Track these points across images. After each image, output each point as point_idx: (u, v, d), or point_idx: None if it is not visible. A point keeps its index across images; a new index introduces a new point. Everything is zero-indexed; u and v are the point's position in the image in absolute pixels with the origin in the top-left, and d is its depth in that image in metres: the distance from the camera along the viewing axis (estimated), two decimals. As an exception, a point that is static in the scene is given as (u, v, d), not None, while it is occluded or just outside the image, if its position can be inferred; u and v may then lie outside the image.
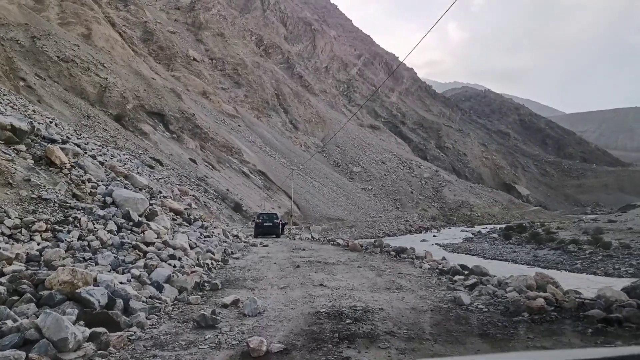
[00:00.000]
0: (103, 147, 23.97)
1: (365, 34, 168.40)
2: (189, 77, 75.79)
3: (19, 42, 40.38)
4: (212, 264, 10.10)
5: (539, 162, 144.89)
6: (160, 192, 16.56)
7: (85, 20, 56.92)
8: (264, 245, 17.08)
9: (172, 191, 21.14)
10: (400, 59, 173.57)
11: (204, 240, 12.73)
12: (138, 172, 20.31)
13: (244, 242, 17.68)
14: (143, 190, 13.75)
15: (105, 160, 15.95)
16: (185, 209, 15.83)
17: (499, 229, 47.29)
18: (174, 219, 13.35)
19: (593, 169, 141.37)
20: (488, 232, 45.17)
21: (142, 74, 57.08)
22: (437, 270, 9.72)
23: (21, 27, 42.60)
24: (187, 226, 13.87)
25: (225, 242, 14.55)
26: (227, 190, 41.46)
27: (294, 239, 23.72)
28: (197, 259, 9.75)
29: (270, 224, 25.45)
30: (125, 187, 12.43)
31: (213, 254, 11.04)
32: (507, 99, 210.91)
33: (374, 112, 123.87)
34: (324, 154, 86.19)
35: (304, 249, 15.04)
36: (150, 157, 34.59)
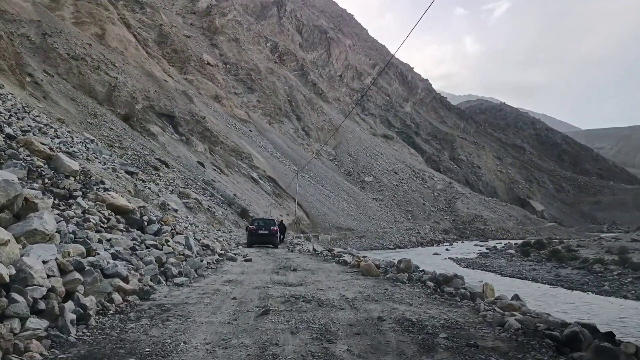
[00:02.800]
0: (53, 127, 17.99)
1: (381, 44, 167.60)
2: (202, 80, 75.28)
3: (29, 38, 39.88)
4: (101, 304, 5.73)
5: (555, 178, 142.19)
6: (102, 182, 12.33)
7: (99, 20, 56.63)
8: (245, 260, 13.85)
9: (135, 185, 17.01)
10: (416, 70, 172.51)
11: (133, 254, 8.40)
12: (88, 159, 15.08)
13: (219, 253, 14.09)
14: (72, 178, 10.40)
15: (24, 135, 11.91)
16: (139, 207, 12.10)
17: (515, 244, 45.52)
18: (106, 220, 9.56)
19: (610, 186, 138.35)
20: (503, 247, 43.39)
21: (154, 76, 56.52)
22: (540, 334, 4.99)
23: (33, 23, 42.16)
24: (124, 232, 9.70)
25: (182, 255, 10.49)
26: (235, 195, 40.32)
27: (292, 251, 20.11)
28: (57, 299, 4.87)
29: (266, 232, 21.80)
30: (28, 169, 9.06)
31: (126, 280, 6.65)
32: (523, 113, 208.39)
33: (387, 122, 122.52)
34: (336, 162, 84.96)
35: (295, 269, 11.55)
36: (156, 159, 33.61)
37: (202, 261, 11.05)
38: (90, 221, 8.65)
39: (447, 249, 48.52)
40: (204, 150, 48.22)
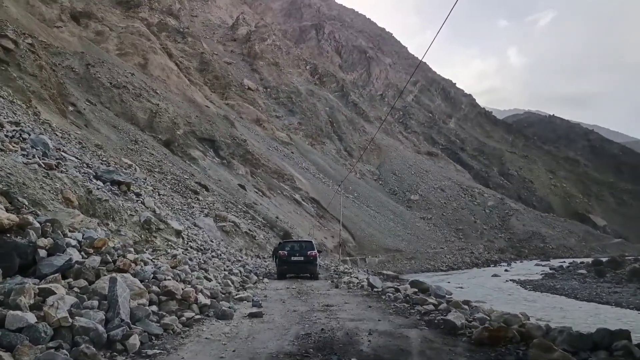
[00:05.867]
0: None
1: (422, 61, 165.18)
2: (243, 105, 75.57)
3: (73, 69, 40.67)
4: None
5: (615, 191, 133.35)
6: None
7: (142, 50, 57.89)
8: (252, 314, 7.85)
9: (90, 192, 10.78)
10: (459, 85, 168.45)
11: None
12: (1, 149, 10.23)
13: (203, 304, 7.68)
14: None
15: None
16: (45, 222, 6.83)
17: (581, 263, 41.61)
18: None
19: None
20: (569, 267, 39.58)
21: (196, 102, 56.85)
22: None
23: (77, 55, 43.15)
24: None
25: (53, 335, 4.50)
26: (277, 217, 38.93)
27: (337, 286, 13.71)
28: None
29: (302, 258, 16.64)
30: None
31: None
32: (575, 124, 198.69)
33: (431, 139, 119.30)
34: (380, 182, 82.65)
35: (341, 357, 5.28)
36: (195, 182, 32.79)
37: (124, 336, 5.02)
38: None
39: (505, 270, 45.00)
40: (245, 173, 47.41)
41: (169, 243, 12.62)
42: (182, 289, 7.32)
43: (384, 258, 50.04)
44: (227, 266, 14.80)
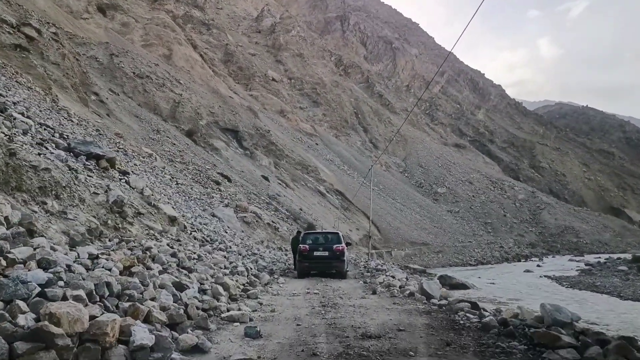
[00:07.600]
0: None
1: (450, 52, 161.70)
2: (267, 96, 74.99)
3: (97, 59, 40.63)
4: None
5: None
6: None
7: (167, 41, 57.79)
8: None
9: (13, 154, 7.49)
10: (487, 76, 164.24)
11: None
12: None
13: (137, 347, 3.85)
14: None
15: None
16: None
17: (618, 259, 39.63)
18: None
19: None
20: (606, 262, 37.60)
21: (220, 92, 56.44)
22: None
23: (102, 45, 43.12)
24: None
25: None
26: (301, 209, 38.13)
27: (375, 292, 10.26)
28: None
29: (326, 253, 13.89)
30: None
31: None
32: (610, 116, 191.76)
33: (459, 131, 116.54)
34: (406, 174, 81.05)
35: None
36: (218, 173, 32.23)
37: None
38: None
39: (538, 265, 43.15)
40: (268, 164, 46.77)
41: (151, 232, 10.16)
42: (94, 318, 3.82)
43: (410, 251, 48.80)
44: (231, 262, 11.72)
